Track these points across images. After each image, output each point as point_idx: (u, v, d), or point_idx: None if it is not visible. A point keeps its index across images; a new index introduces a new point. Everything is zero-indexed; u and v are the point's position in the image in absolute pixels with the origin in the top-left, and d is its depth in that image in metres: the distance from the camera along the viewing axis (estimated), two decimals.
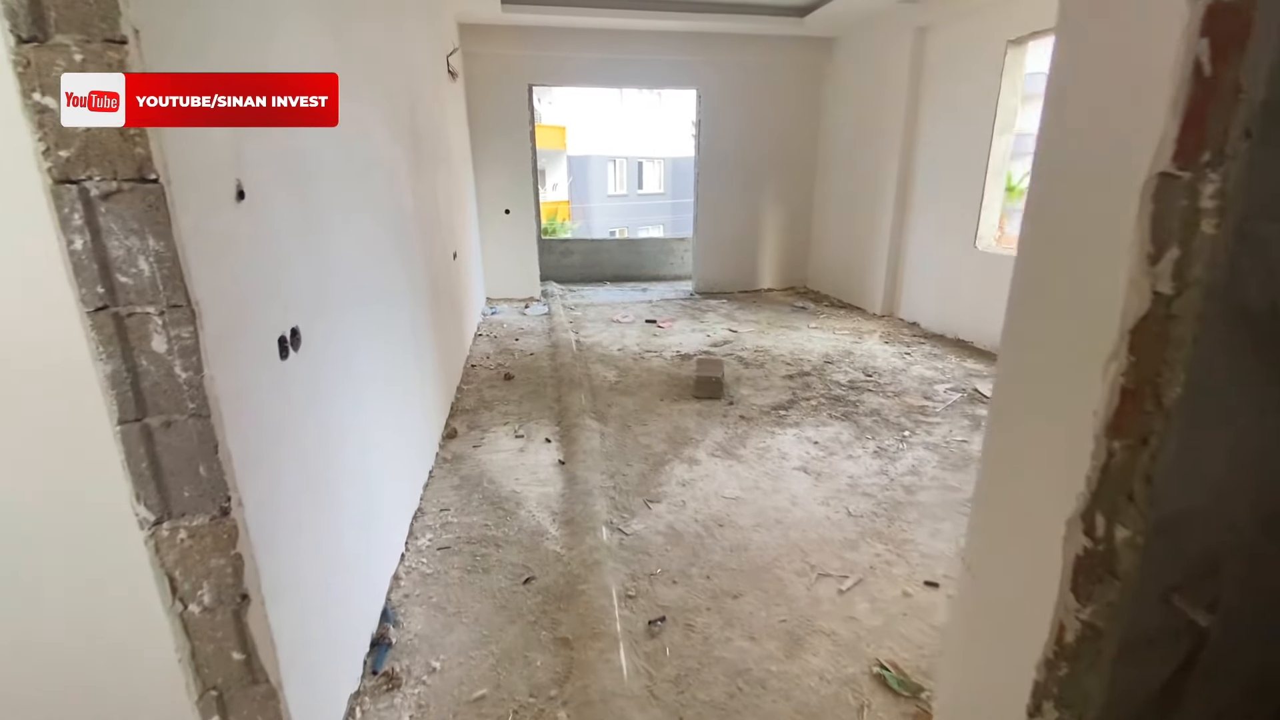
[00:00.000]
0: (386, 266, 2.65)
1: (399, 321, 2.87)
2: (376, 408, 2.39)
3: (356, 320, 2.17)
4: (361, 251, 2.28)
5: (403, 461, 2.82)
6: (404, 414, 2.86)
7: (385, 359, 2.57)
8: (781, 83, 7.84)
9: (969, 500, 3.14)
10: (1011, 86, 5.22)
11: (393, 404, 2.67)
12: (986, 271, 5.53)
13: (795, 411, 4.26)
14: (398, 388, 2.77)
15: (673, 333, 6.42)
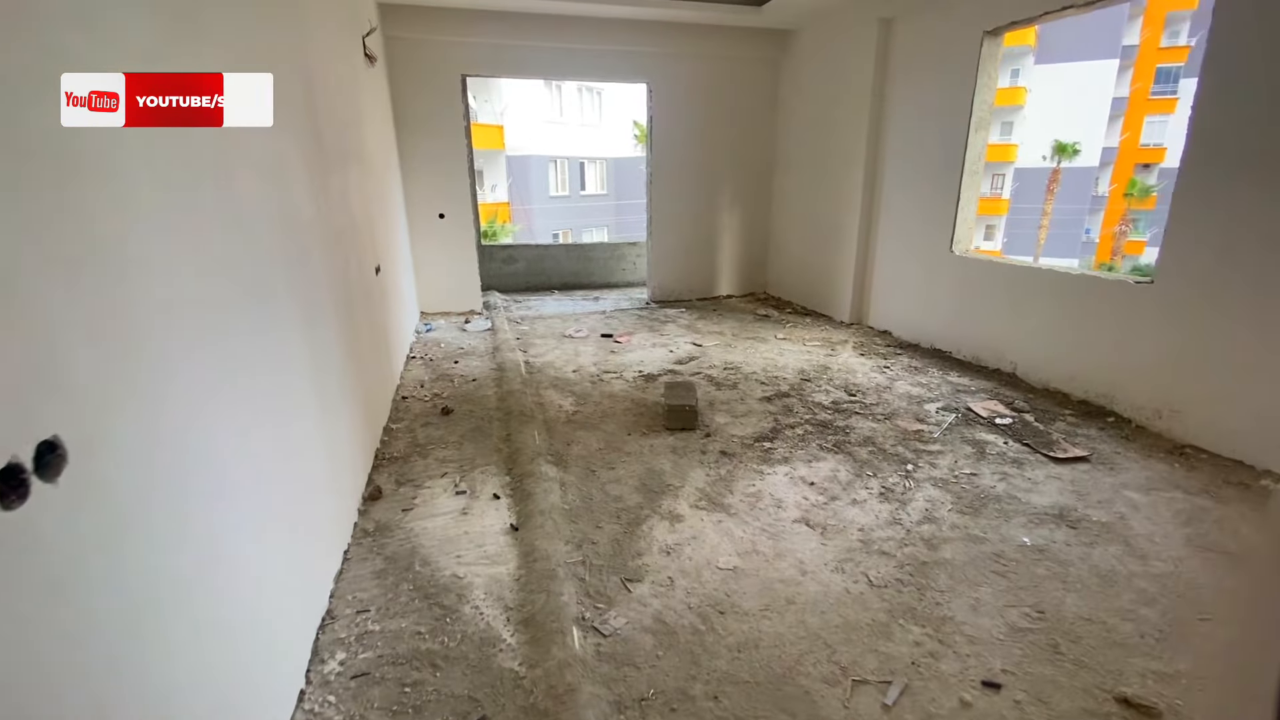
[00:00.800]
0: (264, 297, 1.94)
1: (291, 363, 2.16)
2: (250, 496, 1.69)
3: (205, 387, 1.47)
4: (210, 285, 1.57)
5: (298, 553, 2.10)
6: (299, 485, 2.15)
7: (265, 422, 1.87)
8: (738, 77, 7.38)
9: (999, 554, 2.71)
10: (988, 81, 4.90)
11: (280, 481, 1.96)
12: (964, 278, 5.21)
13: (781, 443, 3.75)
14: (288, 455, 2.06)
15: (632, 348, 5.83)
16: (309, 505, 2.24)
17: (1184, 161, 3.54)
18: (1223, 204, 3.36)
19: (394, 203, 5.69)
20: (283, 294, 2.10)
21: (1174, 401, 3.67)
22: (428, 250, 6.88)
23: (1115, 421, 3.96)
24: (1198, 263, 3.52)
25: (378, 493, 3.13)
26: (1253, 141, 3.21)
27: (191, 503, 1.37)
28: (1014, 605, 2.34)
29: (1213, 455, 3.45)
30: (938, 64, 5.24)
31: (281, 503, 1.96)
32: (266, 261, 1.98)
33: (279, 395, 2.00)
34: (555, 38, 6.57)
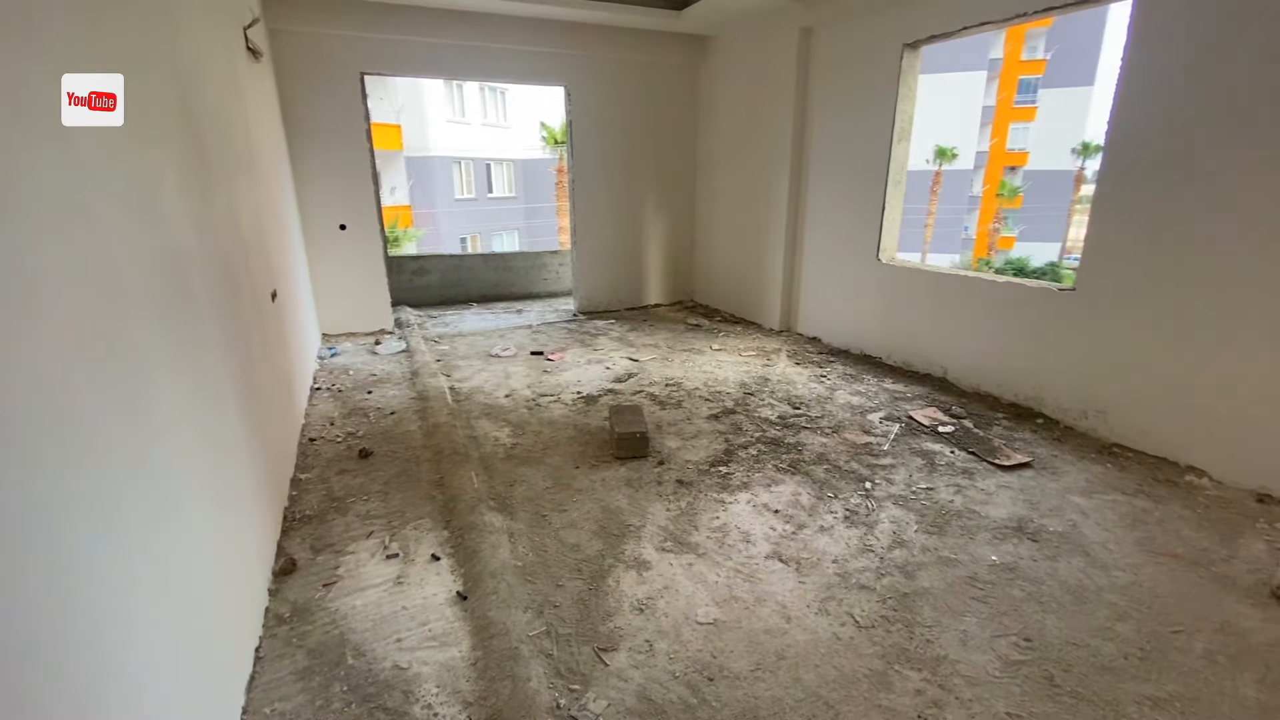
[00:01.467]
0: (130, 352, 1.50)
1: (172, 431, 1.71)
2: (112, 601, 1.27)
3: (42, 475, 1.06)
4: (56, 352, 1.15)
5: (196, 663, 1.67)
6: (182, 574, 1.71)
7: (140, 514, 1.43)
8: (659, 82, 7.22)
9: (973, 577, 2.67)
10: (908, 92, 5.01)
11: (168, 582, 1.52)
12: (891, 285, 5.31)
13: (737, 466, 3.59)
14: (173, 547, 1.62)
15: (566, 366, 5.51)
16: (207, 597, 1.79)
17: (1101, 172, 3.72)
18: (1138, 214, 3.56)
19: (287, 215, 5.05)
20: (155, 346, 1.65)
21: (1099, 402, 3.86)
22: (328, 266, 6.21)
23: (1045, 423, 4.12)
24: (1116, 270, 3.70)
25: (291, 564, 2.65)
26: (1164, 154, 3.40)
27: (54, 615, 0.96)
28: (1001, 635, 2.28)
29: (1138, 453, 3.65)
30: (859, 75, 5.31)
31: (170, 606, 1.52)
32: (138, 308, 1.53)
33: (157, 479, 1.55)
34: (466, 35, 6.12)
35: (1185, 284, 3.38)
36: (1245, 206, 3.10)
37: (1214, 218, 3.23)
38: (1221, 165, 3.17)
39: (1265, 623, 2.31)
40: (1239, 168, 3.11)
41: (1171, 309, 3.45)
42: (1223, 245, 3.21)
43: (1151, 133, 3.45)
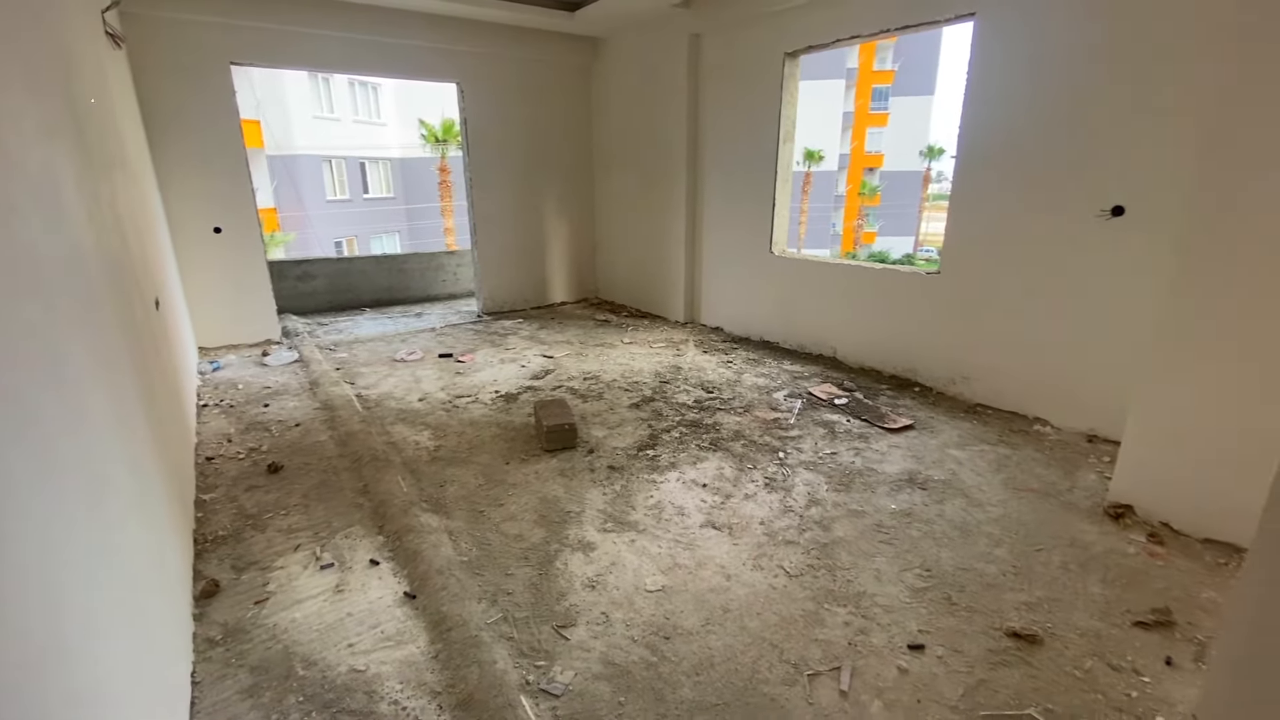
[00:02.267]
0: (60, 377, 1.39)
1: (100, 436, 1.58)
2: None
3: None
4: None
5: (125, 694, 1.57)
6: (110, 598, 1.60)
7: (77, 522, 1.34)
8: (554, 80, 7.28)
9: (879, 524, 3.03)
10: (790, 97, 5.46)
11: (102, 590, 1.43)
12: (783, 276, 5.77)
13: (663, 449, 3.78)
14: (106, 562, 1.52)
15: (479, 367, 5.44)
16: (138, 625, 1.68)
17: (956, 170, 4.30)
18: (986, 205, 4.16)
19: (156, 218, 4.58)
20: (79, 359, 1.53)
21: (963, 370, 4.46)
22: (203, 272, 5.68)
23: (921, 390, 4.70)
24: (971, 256, 4.31)
25: (213, 586, 2.48)
26: (1003, 154, 4.01)
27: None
28: (906, 569, 2.64)
29: (997, 410, 4.28)
30: (747, 80, 5.70)
31: (101, 637, 1.43)
32: (63, 323, 1.42)
33: (90, 488, 1.45)
34: (351, 27, 5.84)
35: (1023, 265, 4.01)
36: (1066, 197, 3.75)
37: (1042, 207, 3.86)
38: (1047, 163, 3.81)
39: (1102, 535, 2.84)
40: (1063, 164, 3.75)
41: (1016, 288, 4.08)
42: (1049, 230, 3.85)
43: (993, 136, 4.05)
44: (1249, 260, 2.47)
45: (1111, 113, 3.49)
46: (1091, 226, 3.66)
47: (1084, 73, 3.57)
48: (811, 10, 4.99)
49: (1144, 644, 2.21)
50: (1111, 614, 2.35)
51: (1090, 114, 3.58)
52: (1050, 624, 2.29)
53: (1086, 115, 3.59)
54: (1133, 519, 2.94)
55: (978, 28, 4.03)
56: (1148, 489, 2.93)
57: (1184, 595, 2.44)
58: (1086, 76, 3.56)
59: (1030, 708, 1.94)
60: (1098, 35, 3.49)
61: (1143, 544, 2.77)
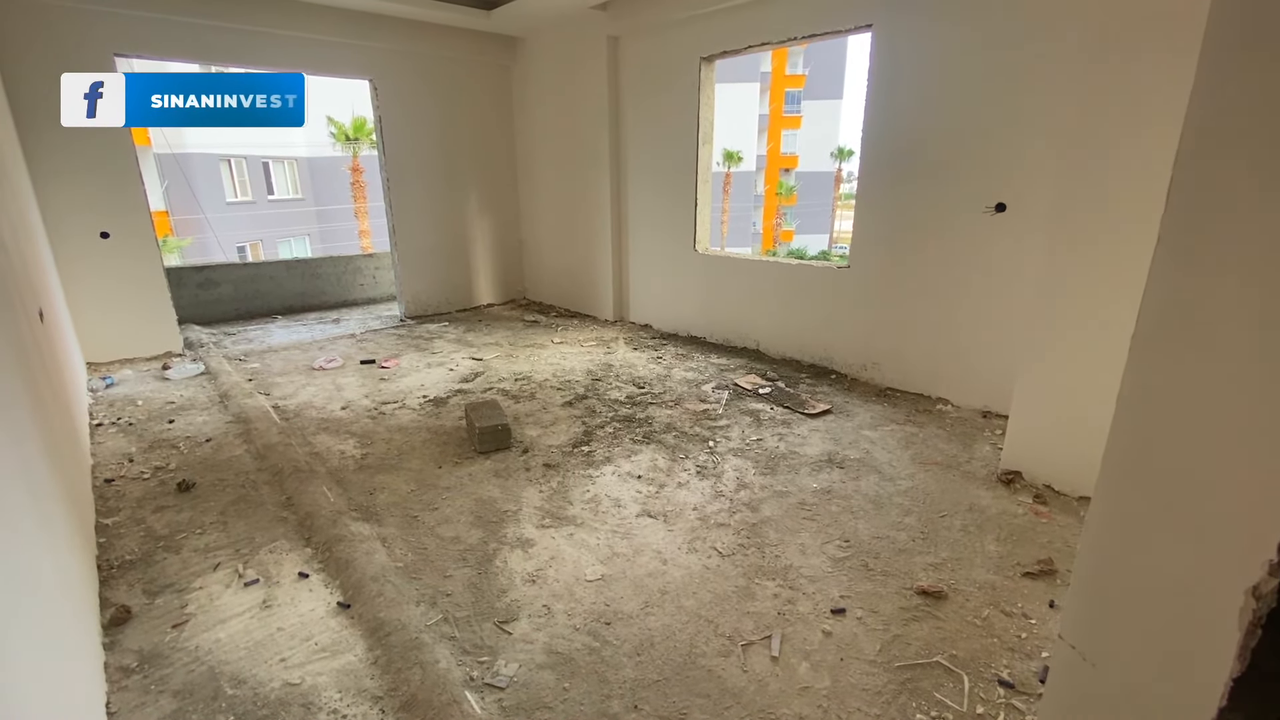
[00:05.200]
0: None
1: None
2: None
3: None
4: None
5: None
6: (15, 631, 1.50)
7: None
8: (473, 79, 7.17)
9: (802, 502, 3.23)
10: (707, 100, 5.66)
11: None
12: (707, 273, 5.96)
13: (597, 444, 3.85)
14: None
15: (404, 372, 5.30)
16: (44, 646, 1.57)
17: (860, 171, 4.61)
18: (885, 205, 4.49)
19: (33, 222, 4.18)
20: None
21: (874, 357, 4.79)
22: (89, 282, 5.22)
23: (837, 377, 5.00)
24: (876, 250, 4.63)
25: (124, 613, 2.33)
26: (899, 155, 4.35)
27: None
28: (828, 541, 2.83)
29: (905, 393, 4.62)
30: (666, 83, 5.85)
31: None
32: None
33: None
34: (250, 19, 5.53)
35: (922, 258, 4.36)
36: (957, 195, 4.11)
37: (937, 204, 4.22)
38: (940, 163, 4.16)
39: (996, 500, 3.16)
40: (954, 165, 4.11)
41: (916, 279, 4.43)
42: (943, 226, 4.21)
43: (892, 139, 4.38)
44: (1101, 252, 2.83)
45: (992, 119, 3.86)
46: (980, 222, 4.03)
47: (968, 83, 3.93)
48: (724, 17, 5.19)
49: (1031, 591, 2.49)
50: (1004, 568, 2.63)
51: (974, 120, 3.94)
52: (954, 580, 2.54)
53: (971, 121, 3.96)
54: (1021, 484, 3.29)
55: (875, 38, 4.34)
56: (1032, 456, 3.27)
57: (1063, 546, 2.76)
58: (970, 86, 3.92)
59: (938, 655, 2.16)
60: (978, 50, 3.85)
61: (1030, 505, 3.10)
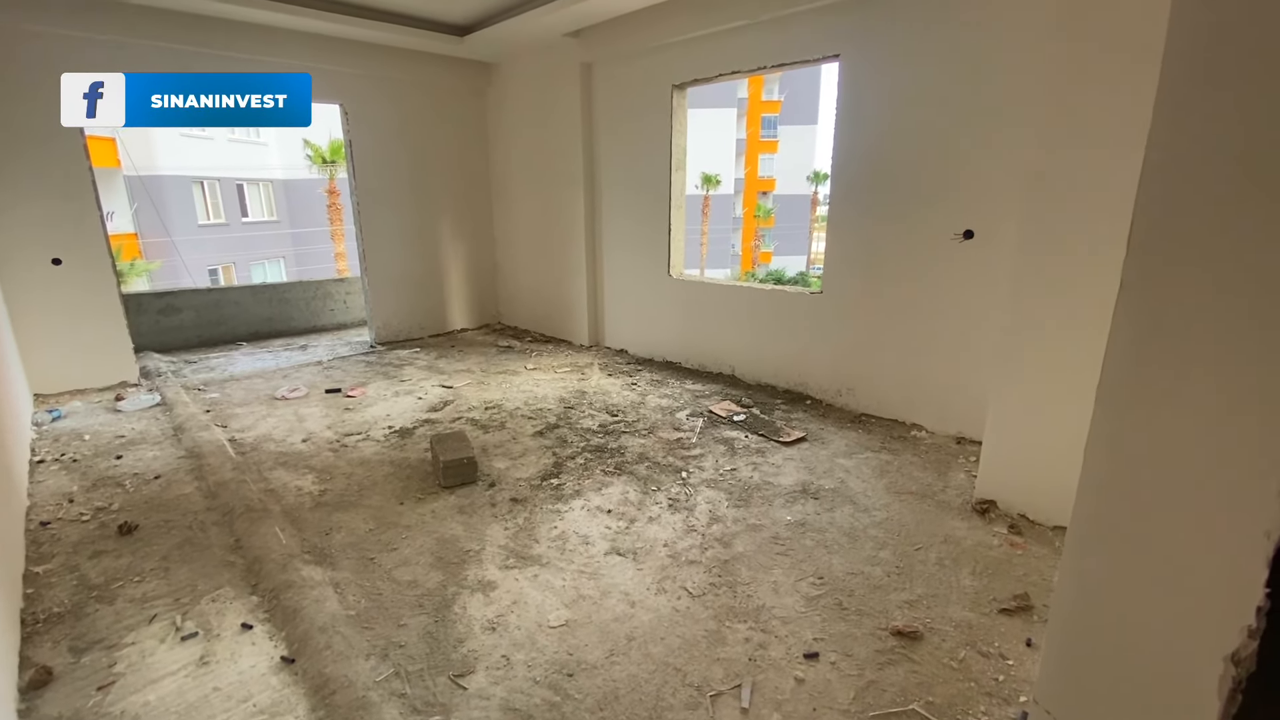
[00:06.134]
0: None
1: None
2: None
3: None
4: None
5: None
6: None
7: None
8: (447, 105, 7.14)
9: (776, 536, 3.14)
10: (680, 126, 5.67)
11: None
12: (683, 298, 5.93)
13: (567, 476, 3.74)
14: None
15: (370, 401, 5.15)
16: None
17: (831, 196, 4.63)
18: (856, 231, 4.50)
19: None
20: None
21: (848, 382, 4.76)
22: (38, 311, 5.01)
23: (812, 403, 4.96)
24: (848, 275, 4.63)
25: (44, 675, 2.15)
26: (868, 181, 4.37)
27: None
28: (801, 578, 2.74)
29: (879, 419, 4.59)
30: (639, 110, 5.87)
31: None
32: None
33: None
34: (222, 44, 5.44)
35: (894, 283, 4.36)
36: (926, 221, 4.13)
37: (907, 230, 4.23)
38: (909, 190, 4.18)
39: (970, 530, 3.10)
40: (923, 191, 4.13)
41: (888, 304, 4.42)
42: (914, 251, 4.22)
43: (861, 165, 4.41)
44: (1066, 282, 2.83)
45: (959, 147, 3.90)
46: (950, 248, 4.05)
47: (934, 111, 3.97)
48: (695, 46, 5.23)
49: (1008, 629, 2.42)
50: (980, 604, 2.56)
51: (942, 148, 3.98)
52: (929, 619, 2.46)
53: (938, 149, 3.99)
54: (996, 513, 3.24)
55: (842, 68, 4.38)
56: (1007, 485, 3.24)
57: (1039, 580, 2.70)
58: (936, 114, 3.97)
59: (914, 703, 2.07)
60: (943, 79, 3.90)
61: (1005, 535, 3.05)
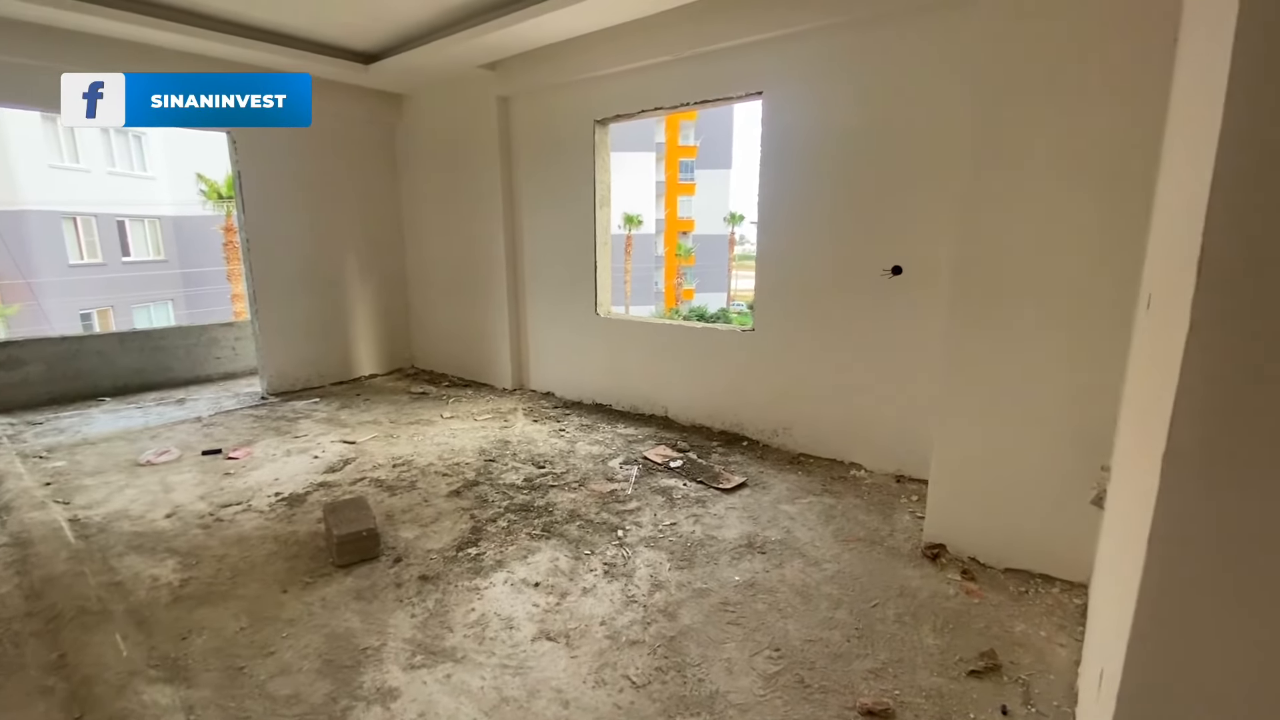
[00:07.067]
0: None
1: None
2: None
3: None
4: None
5: None
6: None
7: None
8: (351, 135, 6.65)
9: (725, 602, 2.84)
10: (603, 163, 5.50)
11: None
12: (611, 337, 5.66)
13: (488, 544, 3.30)
14: None
15: (257, 463, 4.48)
16: None
17: (759, 234, 4.54)
18: (785, 268, 4.43)
19: None
20: None
21: (784, 422, 4.61)
22: None
23: (749, 444, 4.77)
24: (779, 313, 4.53)
25: None
26: (798, 219, 4.31)
27: None
28: (756, 652, 2.45)
29: (818, 458, 4.44)
30: (561, 146, 5.66)
31: None
32: None
33: None
34: (97, 64, 4.77)
35: (824, 320, 4.29)
36: (854, 258, 4.09)
37: (835, 267, 4.18)
38: (835, 227, 4.15)
39: (924, 579, 2.93)
40: (848, 229, 4.10)
41: (820, 341, 4.34)
42: (843, 288, 4.16)
43: (786, 202, 4.36)
44: (1001, 316, 2.78)
45: (882, 182, 3.91)
46: (879, 285, 4.01)
47: (856, 146, 3.98)
48: (617, 81, 5.11)
49: (980, 695, 2.21)
50: (948, 666, 2.35)
51: (865, 183, 3.98)
52: (898, 689, 2.22)
53: (862, 184, 3.99)
54: (947, 557, 3.10)
55: (765, 105, 4.36)
56: (955, 528, 3.11)
57: (1002, 633, 2.54)
58: (859, 150, 3.97)
59: None
60: (865, 116, 3.92)
61: (959, 582, 2.90)
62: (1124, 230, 2.50)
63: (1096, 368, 2.63)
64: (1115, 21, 2.44)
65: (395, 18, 4.92)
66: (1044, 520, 2.86)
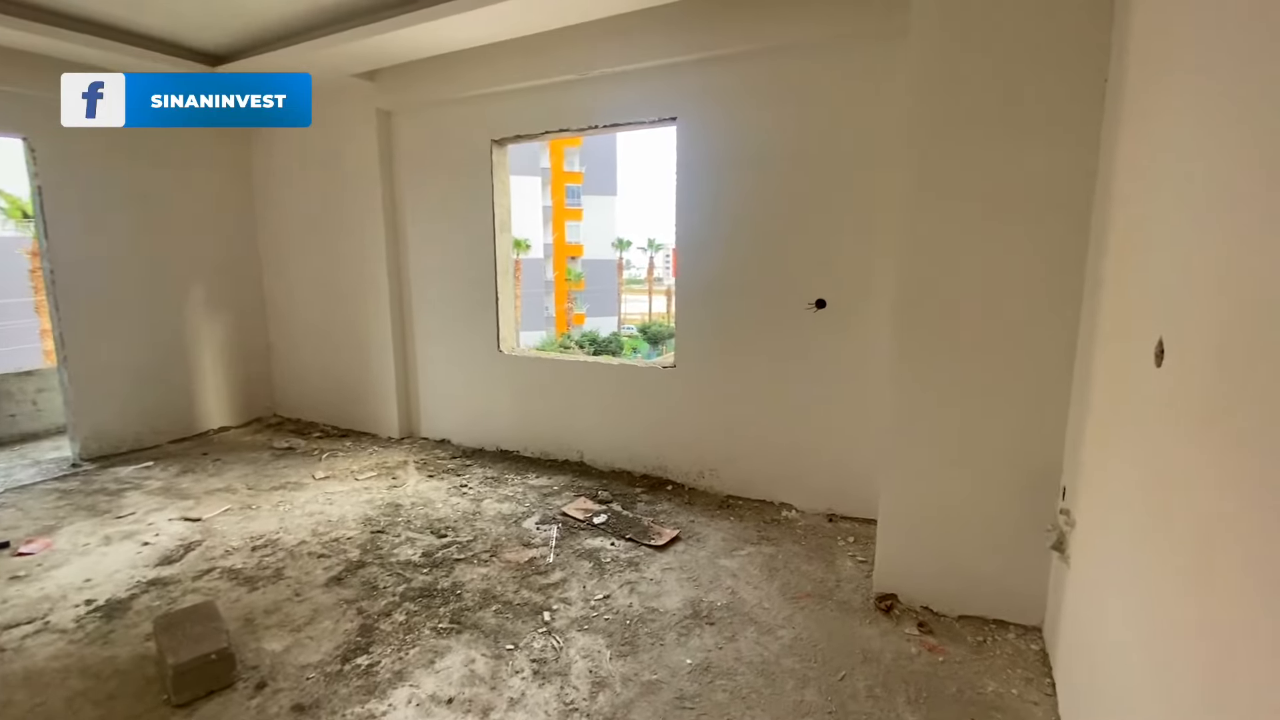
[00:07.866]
0: None
1: None
2: None
3: None
4: None
5: None
6: None
7: None
8: (191, 147, 5.65)
9: (681, 694, 2.45)
10: (502, 185, 5.03)
11: None
12: (517, 376, 5.15)
13: (382, 648, 2.67)
14: None
15: (59, 559, 3.46)
16: None
17: (677, 267, 4.30)
18: (705, 302, 4.21)
19: None
20: None
21: (709, 463, 4.35)
22: None
23: (674, 489, 4.44)
24: (699, 350, 4.29)
25: None
26: (716, 250, 4.12)
27: None
28: None
29: (747, 500, 4.21)
30: (452, 165, 5.12)
31: None
32: None
33: None
34: None
35: (747, 356, 4.10)
36: (775, 292, 3.95)
37: (756, 301, 4.02)
38: (756, 259, 3.99)
39: (884, 638, 2.73)
40: (769, 260, 3.95)
41: (743, 378, 4.14)
42: (765, 322, 4.00)
43: (704, 232, 4.15)
44: (943, 371, 2.69)
45: (804, 212, 3.80)
46: (802, 318, 3.89)
47: (776, 175, 3.86)
48: (516, 99, 4.70)
49: None
50: None
51: (786, 213, 3.86)
52: None
53: (783, 214, 3.87)
54: (901, 608, 2.93)
55: (680, 131, 4.15)
56: (906, 576, 2.96)
57: (976, 697, 2.37)
58: (779, 179, 3.85)
59: None
60: (785, 143, 3.81)
61: (918, 638, 2.72)
62: (1063, 269, 2.48)
63: (1041, 410, 2.59)
64: (1044, 60, 2.43)
65: (251, 15, 4.18)
66: (996, 565, 2.77)
